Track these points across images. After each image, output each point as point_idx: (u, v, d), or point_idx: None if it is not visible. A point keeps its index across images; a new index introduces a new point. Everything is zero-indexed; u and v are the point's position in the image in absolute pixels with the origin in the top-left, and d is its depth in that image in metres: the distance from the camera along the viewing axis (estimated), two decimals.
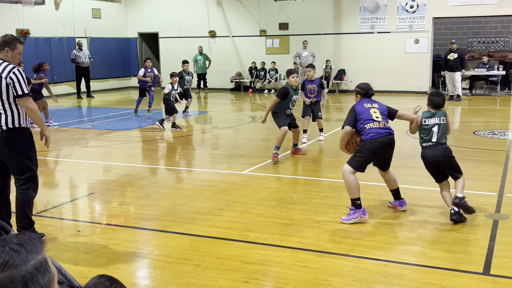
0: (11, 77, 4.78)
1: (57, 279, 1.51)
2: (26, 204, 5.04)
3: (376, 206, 6.04)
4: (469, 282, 4.06)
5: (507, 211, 5.76)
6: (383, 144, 5.47)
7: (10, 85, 4.78)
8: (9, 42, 4.94)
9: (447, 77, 17.67)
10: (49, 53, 19.72)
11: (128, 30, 24.08)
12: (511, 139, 10.30)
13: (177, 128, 12.00)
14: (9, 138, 4.87)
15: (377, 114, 5.56)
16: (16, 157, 4.94)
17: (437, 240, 4.98)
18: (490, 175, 7.39)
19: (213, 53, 22.03)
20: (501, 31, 21.64)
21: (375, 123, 5.48)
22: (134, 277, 4.37)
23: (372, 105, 5.66)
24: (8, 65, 4.83)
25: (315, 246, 4.87)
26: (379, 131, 5.48)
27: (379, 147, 5.46)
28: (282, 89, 8.38)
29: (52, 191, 7.20)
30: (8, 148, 4.90)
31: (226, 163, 8.60)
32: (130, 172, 8.15)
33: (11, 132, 4.86)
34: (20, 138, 4.93)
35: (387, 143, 5.51)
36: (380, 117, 5.55)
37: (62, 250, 4.89)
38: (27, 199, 5.04)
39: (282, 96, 8.26)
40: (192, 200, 6.45)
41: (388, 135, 5.53)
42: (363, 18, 19.97)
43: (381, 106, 5.70)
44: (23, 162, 4.96)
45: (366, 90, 5.82)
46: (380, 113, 5.58)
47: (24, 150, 4.96)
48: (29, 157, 5.00)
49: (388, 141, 5.51)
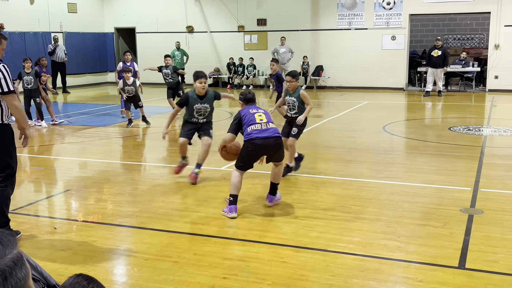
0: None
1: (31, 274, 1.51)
2: (3, 202, 4.94)
3: (354, 201, 6.09)
4: (445, 276, 4.12)
5: (482, 205, 5.85)
6: (262, 146, 5.64)
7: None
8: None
9: (429, 73, 17.87)
10: (24, 48, 19.42)
11: (104, 25, 23.83)
12: (486, 134, 10.47)
13: (147, 122, 11.92)
14: None
15: (261, 117, 5.73)
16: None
17: (413, 235, 5.04)
18: (465, 170, 7.50)
19: (191, 49, 21.93)
20: (476, 28, 21.95)
21: (257, 125, 5.66)
22: (112, 274, 4.33)
23: (257, 110, 5.83)
24: None
25: (293, 241, 4.89)
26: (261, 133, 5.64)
27: (257, 149, 5.66)
28: (183, 95, 7.29)
29: (27, 188, 7.10)
30: None
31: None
32: (107, 168, 8.08)
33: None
34: (1, 134, 4.83)
35: (266, 145, 5.65)
36: (265, 119, 5.71)
37: (38, 248, 4.83)
38: (4, 197, 4.94)
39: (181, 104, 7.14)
40: (170, 197, 6.43)
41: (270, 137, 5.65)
42: (340, 14, 20.08)
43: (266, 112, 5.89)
44: (3, 159, 4.86)
45: (245, 96, 6.01)
46: (264, 116, 5.75)
47: (5, 147, 4.86)
48: (10, 154, 4.91)
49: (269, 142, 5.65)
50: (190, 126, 7.15)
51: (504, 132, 10.69)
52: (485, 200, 6.06)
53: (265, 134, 5.63)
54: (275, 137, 5.68)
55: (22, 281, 1.43)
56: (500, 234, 5.02)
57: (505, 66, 18.31)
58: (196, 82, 6.92)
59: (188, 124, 7.16)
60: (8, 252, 1.42)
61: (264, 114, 5.81)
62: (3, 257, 1.40)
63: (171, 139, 10.25)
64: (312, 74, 20.65)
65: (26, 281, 1.46)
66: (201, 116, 7.09)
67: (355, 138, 10.33)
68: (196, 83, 6.91)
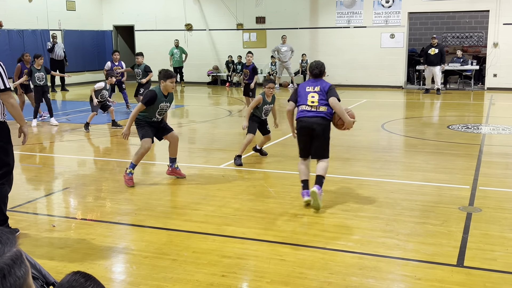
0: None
1: (31, 272, 1.51)
2: (1, 200, 4.94)
3: (353, 199, 6.09)
4: (443, 274, 4.12)
5: (480, 203, 5.86)
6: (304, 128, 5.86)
7: None
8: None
9: (427, 72, 17.92)
10: (23, 45, 19.38)
11: (103, 22, 23.80)
12: (484, 133, 10.48)
13: (117, 126, 11.36)
14: None
15: (314, 99, 5.84)
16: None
17: (411, 232, 5.05)
18: (463, 169, 7.50)
19: (190, 47, 21.91)
20: (475, 26, 21.95)
21: (307, 107, 5.86)
22: (111, 272, 4.34)
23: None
24: None
25: (292, 239, 4.89)
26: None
27: (300, 130, 5.90)
28: (149, 92, 6.87)
29: (26, 186, 7.10)
30: None
31: (203, 157, 8.58)
32: (106, 166, 8.08)
33: None
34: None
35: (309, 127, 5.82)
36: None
37: (37, 246, 4.83)
38: (1, 195, 4.94)
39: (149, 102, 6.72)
40: (168, 195, 6.43)
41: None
42: (339, 12, 20.07)
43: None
44: (2, 157, 4.86)
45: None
46: (317, 97, 5.83)
47: (1, 145, 4.86)
48: (6, 152, 4.90)
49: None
50: (150, 126, 6.86)
51: (502, 130, 10.70)
52: (484, 198, 6.07)
53: (310, 114, 5.81)
54: (318, 122, 5.79)
55: (21, 280, 1.43)
56: (498, 232, 5.02)
57: (503, 64, 18.32)
58: (167, 81, 6.73)
59: (147, 124, 6.84)
60: (7, 250, 1.42)
61: (318, 94, 5.83)
62: (1, 256, 1.40)
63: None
64: None
65: (25, 280, 1.46)
66: (161, 115, 6.90)
67: (354, 136, 10.33)
68: (167, 81, 6.73)
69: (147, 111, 6.76)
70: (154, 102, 6.70)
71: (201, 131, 11.57)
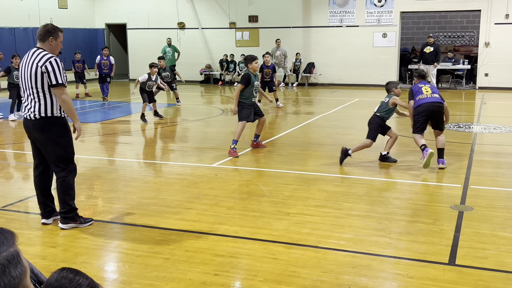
0: (47, 66, 4.88)
1: (29, 273, 1.50)
2: (65, 192, 5.21)
3: (345, 198, 6.11)
4: (435, 272, 4.14)
5: (472, 202, 5.89)
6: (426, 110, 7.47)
7: (45, 74, 4.88)
8: (52, 32, 5.05)
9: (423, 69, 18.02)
10: (14, 44, 19.28)
11: (95, 21, 23.70)
12: (476, 132, 10.53)
13: (145, 121, 11.97)
14: (41, 127, 4.99)
15: (427, 90, 7.55)
16: (50, 146, 5.07)
17: (403, 231, 5.07)
18: (455, 167, 7.54)
19: (182, 45, 21.86)
20: (466, 25, 22.06)
21: (423, 95, 7.53)
22: (103, 271, 4.33)
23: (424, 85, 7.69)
24: (46, 54, 4.94)
25: (285, 238, 4.90)
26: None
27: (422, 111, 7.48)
28: (244, 75, 8.44)
29: (18, 185, 7.06)
30: (42, 136, 5.03)
31: (196, 156, 8.57)
32: (98, 165, 8.05)
33: (43, 121, 4.98)
34: (52, 127, 5.03)
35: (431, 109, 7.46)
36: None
37: (29, 244, 4.81)
38: (65, 187, 5.20)
39: (246, 82, 8.28)
40: (161, 193, 6.42)
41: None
42: (332, 11, 20.09)
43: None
44: (57, 151, 5.08)
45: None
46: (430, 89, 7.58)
47: (56, 139, 5.06)
48: (62, 146, 5.11)
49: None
50: (248, 107, 8.41)
51: (494, 130, 10.76)
52: (475, 197, 6.10)
53: (430, 100, 7.41)
54: (438, 102, 7.42)
55: (16, 280, 1.42)
56: (489, 230, 5.05)
57: (495, 64, 18.41)
58: (252, 63, 8.39)
59: (246, 106, 8.40)
60: (3, 249, 1.41)
61: (430, 87, 7.60)
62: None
63: (152, 135, 10.19)
64: (303, 71, 20.66)
65: (21, 280, 1.44)
66: (255, 94, 8.50)
67: (346, 135, 10.36)
68: (252, 63, 8.39)
69: (246, 93, 8.34)
70: (251, 81, 8.30)
71: (193, 129, 11.55)
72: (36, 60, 4.93)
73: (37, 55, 4.96)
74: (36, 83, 4.92)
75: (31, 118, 4.99)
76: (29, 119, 5.02)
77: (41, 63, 4.89)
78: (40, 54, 4.95)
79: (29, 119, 5.02)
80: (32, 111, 4.97)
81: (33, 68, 4.91)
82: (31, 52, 5.03)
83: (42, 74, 4.89)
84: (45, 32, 5.05)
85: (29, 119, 5.01)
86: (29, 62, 4.95)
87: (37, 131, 5.03)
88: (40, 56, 4.94)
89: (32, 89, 4.95)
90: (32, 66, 4.92)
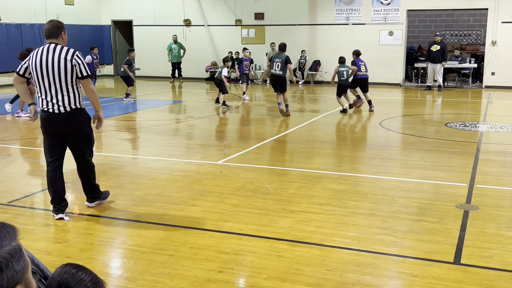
0: (76, 59, 5.13)
1: (31, 268, 1.51)
2: (91, 174, 5.65)
3: (350, 196, 6.10)
4: (440, 271, 4.13)
5: (477, 201, 5.87)
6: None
7: (75, 67, 5.11)
8: (61, 26, 5.30)
9: (429, 68, 18.10)
10: (21, 40, 19.34)
11: (101, 17, 23.74)
12: (482, 131, 10.49)
13: (227, 106, 13.88)
14: (72, 119, 5.22)
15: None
16: (79, 135, 5.34)
17: (408, 230, 5.06)
18: (461, 166, 7.52)
19: (188, 42, 21.88)
20: (473, 24, 21.96)
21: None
22: (108, 267, 4.34)
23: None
24: (69, 48, 5.17)
25: (289, 236, 4.90)
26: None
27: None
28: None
29: (23, 180, 7.09)
30: (72, 127, 5.26)
31: (201, 153, 8.58)
32: (103, 161, 8.07)
33: (73, 113, 5.21)
34: (81, 118, 5.31)
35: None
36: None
37: (34, 240, 4.83)
38: (91, 168, 5.64)
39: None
40: (166, 190, 6.43)
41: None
42: (338, 9, 20.05)
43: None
44: (86, 139, 5.42)
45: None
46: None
47: (85, 129, 5.37)
48: (89, 134, 5.45)
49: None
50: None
51: (500, 129, 10.71)
52: (481, 196, 6.08)
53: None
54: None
55: (19, 274, 1.43)
56: (495, 230, 5.04)
57: (502, 63, 18.33)
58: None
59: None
60: (5, 244, 1.42)
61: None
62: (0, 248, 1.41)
63: (157, 132, 10.18)
64: (309, 69, 20.62)
65: (23, 274, 1.45)
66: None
67: (352, 133, 10.35)
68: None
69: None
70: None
71: (199, 127, 11.56)
72: (62, 54, 5.09)
73: (60, 49, 5.11)
74: (66, 77, 5.10)
75: (60, 111, 5.15)
76: (56, 113, 5.15)
77: (69, 57, 5.09)
78: (63, 48, 5.13)
79: (56, 113, 5.15)
80: (60, 104, 5.13)
81: (62, 62, 5.07)
82: (50, 47, 5.13)
83: (73, 68, 5.10)
84: (56, 27, 5.22)
85: (57, 112, 5.15)
86: (53, 57, 5.08)
87: (67, 123, 5.20)
88: (64, 50, 5.12)
89: (60, 83, 5.10)
90: (60, 61, 5.06)
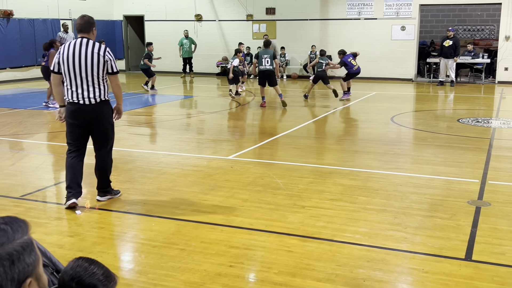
0: (108, 55, 5.39)
1: (42, 261, 1.53)
2: (109, 167, 5.83)
3: (361, 192, 6.09)
4: (451, 268, 4.12)
5: (489, 198, 5.84)
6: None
7: (107, 62, 5.38)
8: (93, 22, 5.50)
9: (442, 63, 18.01)
10: (33, 35, 19.45)
11: (113, 12, 23.80)
12: (495, 126, 10.41)
13: (239, 95, 14.73)
14: (100, 110, 5.48)
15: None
16: (105, 125, 5.57)
17: (420, 226, 5.04)
18: (473, 162, 7.47)
19: (199, 37, 21.88)
20: (486, 19, 21.75)
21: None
22: (119, 261, 4.37)
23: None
24: (100, 44, 5.43)
25: (300, 231, 4.90)
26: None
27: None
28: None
29: (36, 174, 7.14)
30: (100, 117, 5.50)
31: (212, 148, 8.59)
32: (115, 156, 8.07)
33: (102, 104, 5.48)
34: (108, 109, 5.58)
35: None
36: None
37: (47, 233, 4.87)
38: (110, 161, 5.84)
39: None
40: (177, 185, 6.45)
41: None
42: (350, 4, 19.94)
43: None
44: (109, 131, 5.65)
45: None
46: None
47: (110, 121, 5.64)
48: (113, 125, 5.71)
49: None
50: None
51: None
52: (493, 193, 6.04)
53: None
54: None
55: (30, 267, 1.44)
56: (507, 226, 5.01)
57: None
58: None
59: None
60: (17, 237, 1.44)
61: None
62: (12, 241, 1.42)
63: (168, 127, 10.21)
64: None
65: (34, 267, 1.47)
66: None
67: (363, 129, 10.31)
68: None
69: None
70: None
71: (210, 122, 11.58)
72: (95, 50, 5.32)
73: (93, 45, 5.34)
74: (98, 71, 5.34)
75: (91, 102, 5.37)
76: (87, 104, 5.37)
77: (102, 52, 5.34)
78: (95, 44, 5.36)
79: (87, 104, 5.37)
80: (91, 96, 5.36)
81: (95, 57, 5.31)
82: (83, 41, 5.34)
83: (105, 63, 5.36)
84: (88, 23, 5.43)
85: (87, 104, 5.37)
86: (86, 51, 5.30)
87: (96, 113, 5.46)
88: (97, 46, 5.36)
89: (93, 76, 5.34)
90: (93, 55, 5.30)
